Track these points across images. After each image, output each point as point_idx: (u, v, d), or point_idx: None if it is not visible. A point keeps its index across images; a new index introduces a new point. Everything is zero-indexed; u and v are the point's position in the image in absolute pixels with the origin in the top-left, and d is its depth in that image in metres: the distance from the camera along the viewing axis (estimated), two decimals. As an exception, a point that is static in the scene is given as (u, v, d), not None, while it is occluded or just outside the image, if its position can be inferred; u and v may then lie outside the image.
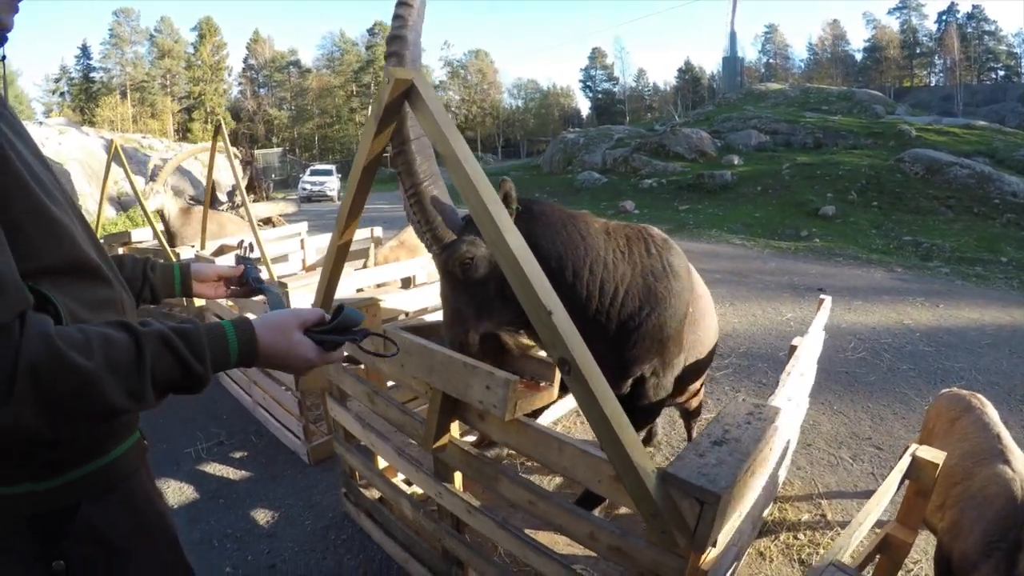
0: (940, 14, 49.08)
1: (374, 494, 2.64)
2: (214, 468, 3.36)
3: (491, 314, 1.95)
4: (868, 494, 3.20)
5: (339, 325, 1.05)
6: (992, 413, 2.34)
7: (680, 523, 1.24)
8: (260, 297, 1.49)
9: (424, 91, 1.42)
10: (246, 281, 1.47)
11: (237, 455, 3.51)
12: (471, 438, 2.63)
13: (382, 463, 2.56)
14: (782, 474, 2.77)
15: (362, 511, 2.73)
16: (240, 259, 1.51)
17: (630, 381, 2.30)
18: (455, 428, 1.94)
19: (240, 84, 54.86)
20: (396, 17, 1.79)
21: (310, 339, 1.02)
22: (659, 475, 1.23)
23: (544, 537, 1.82)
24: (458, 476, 2.00)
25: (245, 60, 55.01)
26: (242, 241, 1.76)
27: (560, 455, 1.48)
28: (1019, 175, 14.46)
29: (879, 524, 2.31)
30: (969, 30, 46.89)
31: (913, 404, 4.30)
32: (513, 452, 2.75)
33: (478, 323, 1.95)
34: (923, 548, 2.69)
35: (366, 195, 1.77)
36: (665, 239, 2.37)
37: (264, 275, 1.59)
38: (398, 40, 1.77)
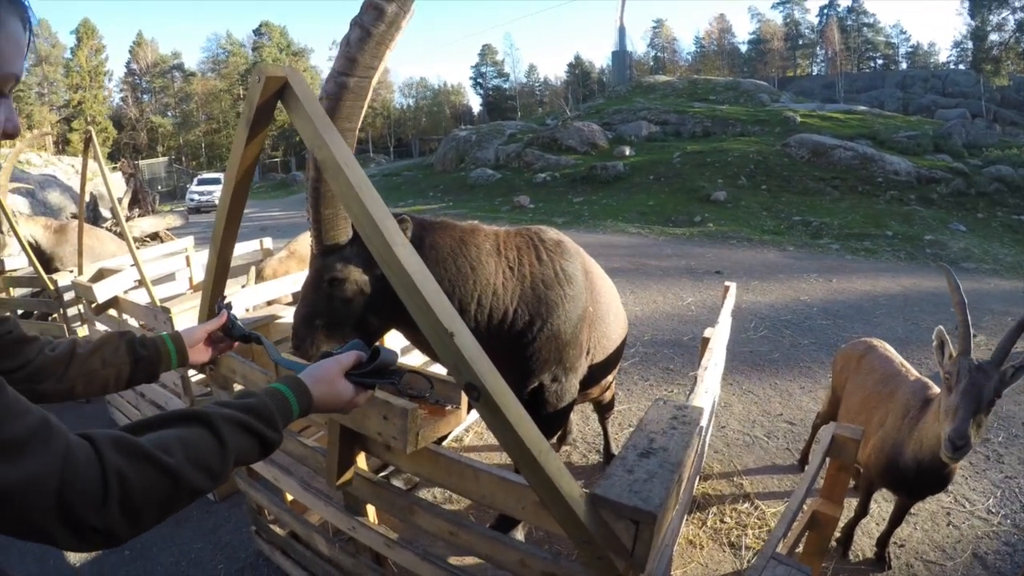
0: (822, 8, 52.20)
1: (287, 529, 2.43)
2: (116, 516, 3.03)
3: (341, 335, 1.90)
4: (786, 469, 3.29)
5: (376, 368, 1.13)
6: (890, 348, 2.83)
7: (616, 546, 1.14)
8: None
9: (299, 89, 1.25)
10: (231, 330, 1.44)
11: (137, 499, 3.18)
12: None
13: (290, 497, 2.34)
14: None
15: (276, 548, 2.51)
16: (219, 307, 1.48)
17: (528, 390, 2.27)
18: (362, 459, 1.77)
19: (122, 90, 50.68)
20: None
21: (351, 382, 1.10)
22: (588, 499, 1.13)
23: (474, 561, 1.69)
24: (371, 508, 1.83)
25: (127, 64, 50.85)
26: (223, 297, 1.65)
27: (477, 483, 1.35)
28: (899, 155, 15.66)
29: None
30: (849, 23, 50.33)
31: (817, 377, 4.48)
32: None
33: (328, 337, 1.91)
34: (844, 515, 2.77)
35: (242, 210, 1.58)
36: (558, 243, 2.32)
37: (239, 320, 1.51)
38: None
